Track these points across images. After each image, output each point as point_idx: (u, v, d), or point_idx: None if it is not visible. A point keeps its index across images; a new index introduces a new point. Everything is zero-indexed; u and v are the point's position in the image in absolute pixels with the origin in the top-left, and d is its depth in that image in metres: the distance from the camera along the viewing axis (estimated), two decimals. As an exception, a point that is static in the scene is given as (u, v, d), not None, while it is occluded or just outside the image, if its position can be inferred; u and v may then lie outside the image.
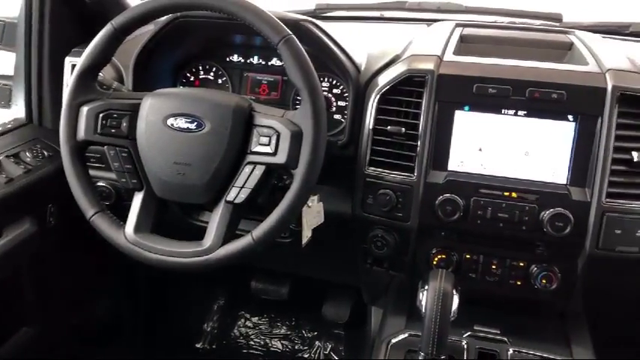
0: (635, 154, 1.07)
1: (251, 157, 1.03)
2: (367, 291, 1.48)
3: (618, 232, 1.09)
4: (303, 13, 1.64)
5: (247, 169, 1.02)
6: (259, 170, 1.02)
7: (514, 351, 1.14)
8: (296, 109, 1.03)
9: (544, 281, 1.16)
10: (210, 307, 1.99)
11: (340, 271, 1.53)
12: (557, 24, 1.58)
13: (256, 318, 1.96)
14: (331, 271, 1.58)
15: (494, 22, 1.63)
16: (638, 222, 1.09)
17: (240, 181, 1.02)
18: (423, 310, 1.04)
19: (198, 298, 2.01)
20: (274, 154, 1.00)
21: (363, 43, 1.39)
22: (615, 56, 1.23)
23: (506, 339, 1.17)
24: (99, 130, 1.08)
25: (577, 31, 1.43)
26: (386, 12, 1.80)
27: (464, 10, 1.66)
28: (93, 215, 1.08)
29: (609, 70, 1.13)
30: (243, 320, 1.96)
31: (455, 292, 1.05)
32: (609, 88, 1.09)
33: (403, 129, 1.17)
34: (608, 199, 1.08)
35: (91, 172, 1.13)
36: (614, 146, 1.08)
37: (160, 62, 1.41)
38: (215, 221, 1.03)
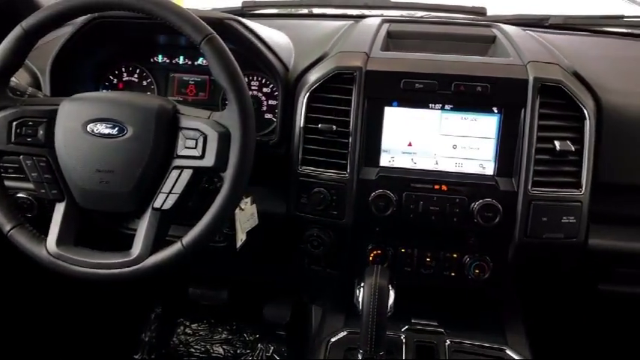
0: (557, 143, 1.11)
1: (177, 162, 0.99)
2: (306, 291, 1.47)
3: (545, 219, 1.12)
4: (230, 12, 1.61)
5: (174, 173, 0.99)
6: (187, 174, 0.98)
7: (451, 342, 1.16)
8: (224, 109, 1.00)
9: (477, 271, 1.19)
10: (147, 316, 1.93)
11: (279, 272, 1.51)
12: (482, 18, 1.61)
13: (196, 324, 1.91)
14: (270, 273, 1.56)
15: (421, 18, 1.65)
16: (562, 209, 1.12)
17: (167, 187, 0.99)
18: (360, 308, 1.04)
19: (134, 308, 1.94)
20: (201, 157, 0.97)
21: (291, 41, 1.37)
22: (536, 48, 1.27)
23: (443, 330, 1.19)
24: (13, 140, 1.02)
25: (500, 25, 1.46)
26: (314, 8, 1.80)
27: (391, 5, 1.67)
28: (10, 230, 1.02)
29: (530, 62, 1.16)
30: (182, 327, 1.91)
31: (391, 288, 1.05)
32: (530, 79, 1.12)
33: (334, 126, 1.16)
34: (534, 188, 1.11)
35: (10, 183, 1.07)
36: (537, 136, 1.11)
37: (80, 65, 1.34)
38: (143, 229, 0.99)
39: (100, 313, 1.87)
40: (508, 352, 1.14)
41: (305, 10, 1.80)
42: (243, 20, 1.23)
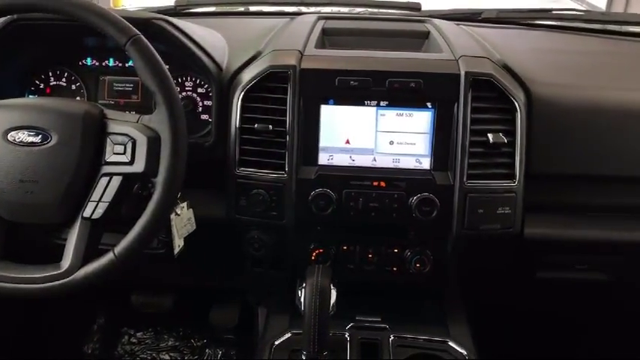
0: (490, 135, 1.13)
1: (106, 168, 0.96)
2: (251, 293, 1.45)
3: (481, 211, 1.14)
4: (164, 11, 1.57)
5: (103, 181, 0.95)
6: (116, 181, 0.95)
7: (395, 337, 1.16)
8: None
9: (418, 265, 1.20)
10: (89, 327, 1.86)
11: (222, 275, 1.49)
12: (416, 13, 1.63)
13: (141, 333, 1.86)
14: (213, 277, 1.53)
15: (357, 14, 1.65)
16: (498, 200, 1.14)
17: (96, 195, 0.95)
18: (302, 308, 1.03)
19: (75, 319, 1.87)
20: (131, 162, 0.94)
21: (225, 40, 1.34)
22: (467, 43, 1.29)
23: (387, 326, 1.19)
24: None
25: (434, 20, 1.48)
26: (251, 6, 1.78)
27: (327, 2, 1.67)
28: None
29: (462, 56, 1.17)
30: (127, 337, 1.86)
31: (332, 287, 1.05)
32: (462, 74, 1.13)
33: (270, 126, 1.14)
34: (469, 181, 1.13)
35: None
36: (470, 130, 1.12)
37: (1, 70, 1.27)
38: (72, 240, 0.95)
39: (39, 326, 1.80)
40: (451, 343, 1.16)
41: (241, 8, 1.77)
42: (173, 20, 1.20)
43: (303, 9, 1.69)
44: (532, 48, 1.40)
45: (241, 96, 1.16)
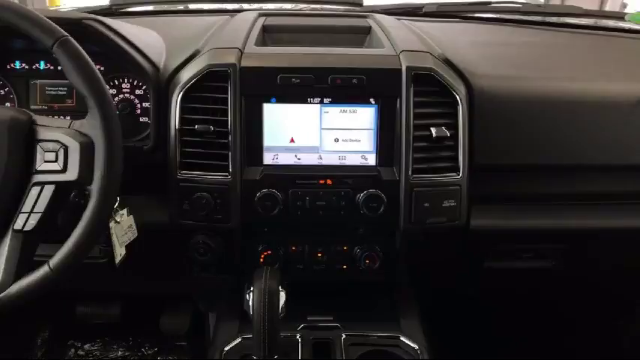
0: (433, 129, 1.13)
1: (37, 177, 0.91)
2: (200, 298, 1.42)
3: (427, 205, 1.14)
4: (98, 11, 1.51)
5: (34, 191, 0.90)
6: (48, 191, 0.90)
7: (347, 335, 1.16)
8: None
9: (367, 261, 1.19)
10: (32, 341, 1.78)
11: (170, 282, 1.45)
12: (358, 8, 1.62)
13: (88, 345, 1.79)
14: (161, 284, 1.49)
15: (298, 10, 1.64)
16: (443, 193, 1.15)
17: (27, 206, 0.90)
18: (251, 312, 1.01)
19: (18, 333, 1.79)
20: (63, 170, 0.90)
21: (162, 39, 1.30)
22: (408, 38, 1.29)
23: (339, 325, 1.18)
24: None
25: (375, 15, 1.48)
26: (190, 4, 1.73)
27: (267, -2, 1.65)
28: None
29: (403, 51, 1.17)
30: (73, 350, 1.78)
31: (281, 289, 1.03)
32: (403, 69, 1.13)
33: (212, 127, 1.11)
34: (414, 176, 1.13)
35: None
36: (414, 124, 1.12)
37: None
38: (3, 255, 0.90)
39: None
40: (402, 339, 1.16)
41: (180, 7, 1.72)
42: (105, 19, 1.15)
43: (245, 6, 1.66)
44: (472, 41, 1.42)
45: (180, 96, 1.13)
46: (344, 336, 1.16)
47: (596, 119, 1.21)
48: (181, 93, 1.12)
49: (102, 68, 1.23)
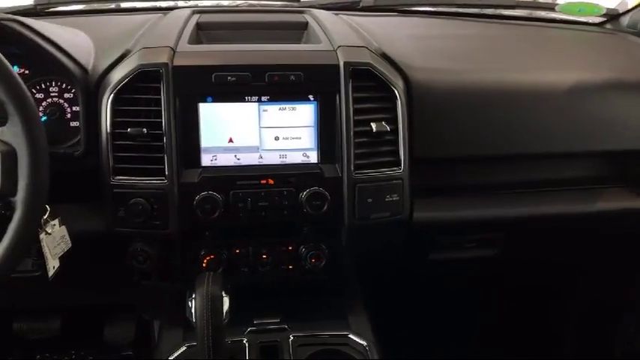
0: (373, 124, 1.12)
1: None
2: (143, 307, 1.37)
3: (370, 200, 1.13)
4: (22, 11, 1.43)
5: None
6: None
7: (294, 337, 1.14)
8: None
9: (313, 260, 1.18)
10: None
11: (110, 292, 1.39)
12: (296, 4, 1.60)
13: (27, 362, 1.71)
14: (101, 294, 1.43)
15: (234, 7, 1.60)
16: (385, 188, 1.14)
17: None
18: (194, 320, 0.97)
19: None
20: None
21: (91, 40, 1.25)
22: (346, 32, 1.28)
23: (286, 326, 1.17)
24: None
25: (313, 10, 1.46)
26: (122, 3, 1.67)
27: (202, -6, 1.60)
28: None
29: (340, 47, 1.16)
30: (11, 368, 1.70)
31: (225, 294, 1.00)
32: (341, 64, 1.12)
33: (145, 129, 1.07)
34: (357, 172, 1.12)
35: None
36: (354, 120, 1.11)
37: None
38: None
39: None
40: (351, 336, 1.15)
41: (112, 5, 1.66)
42: (27, 20, 1.09)
43: (180, 3, 1.62)
44: (409, 35, 1.42)
45: (110, 99, 1.08)
46: (292, 337, 1.14)
47: (531, 109, 1.23)
48: (112, 95, 1.08)
49: (26, 71, 1.16)
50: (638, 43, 1.47)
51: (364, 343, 1.14)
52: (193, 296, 0.99)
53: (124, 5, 1.65)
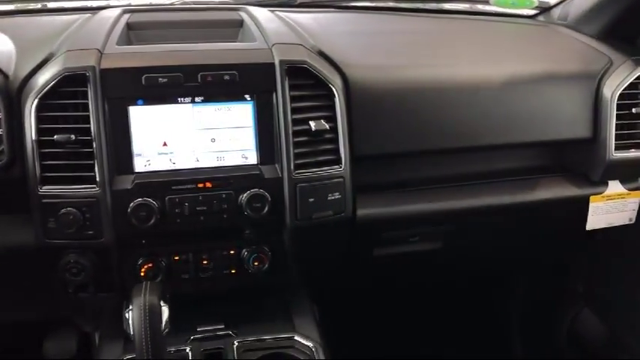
0: (312, 123, 1.11)
1: None
2: (83, 320, 1.32)
3: (312, 200, 1.12)
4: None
5: None
6: None
7: (239, 342, 1.12)
8: None
9: (256, 263, 1.16)
10: None
11: (45, 306, 1.33)
12: (231, 1, 1.57)
13: (-39, 384, 1.62)
14: (36, 310, 1.36)
15: (167, 5, 1.55)
16: (327, 187, 1.13)
17: None
18: (132, 332, 0.94)
19: None
20: None
21: (12, 43, 1.18)
22: (281, 30, 1.26)
23: (231, 332, 1.14)
24: None
25: (248, 7, 1.43)
26: (49, 2, 1.59)
27: (134, -7, 1.55)
28: None
29: (275, 44, 1.14)
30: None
31: (163, 303, 0.97)
32: (277, 62, 1.10)
33: (73, 136, 1.02)
34: (297, 171, 1.10)
35: None
36: (292, 119, 1.10)
37: None
38: None
39: None
40: (297, 338, 1.14)
41: (38, 5, 1.58)
42: None
43: (112, 2, 1.55)
44: (347, 31, 1.41)
45: (35, 105, 1.02)
46: (237, 343, 1.11)
47: (467, 102, 1.24)
48: (36, 101, 1.02)
49: None
50: (569, 35, 1.50)
51: (310, 344, 1.13)
52: (130, 307, 0.95)
53: (50, 5, 1.58)
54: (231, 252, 1.16)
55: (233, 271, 1.17)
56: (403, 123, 1.21)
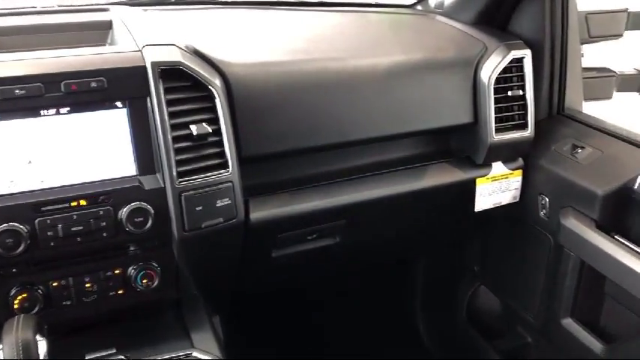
0: (193, 127, 1.05)
1: None
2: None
3: (199, 208, 1.06)
4: None
5: None
6: None
7: None
8: None
9: (145, 280, 1.09)
10: None
11: None
12: (102, 1, 1.46)
13: None
14: None
15: (30, 8, 1.42)
16: (215, 193, 1.08)
17: None
18: (4, 375, 0.84)
19: None
20: None
21: None
22: (153, 30, 1.19)
23: (123, 356, 1.06)
24: None
25: (118, 7, 1.34)
26: None
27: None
28: None
29: (146, 46, 1.07)
30: None
31: (41, 336, 0.88)
32: (148, 65, 1.03)
33: None
34: (181, 179, 1.04)
35: None
36: (170, 124, 1.03)
37: None
38: None
39: None
40: (195, 354, 1.08)
41: None
42: None
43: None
44: (228, 28, 1.36)
45: None
46: None
47: (352, 95, 1.23)
48: None
49: None
50: (446, 23, 1.54)
51: (209, 358, 1.07)
52: (1, 347, 0.85)
53: None
54: (116, 271, 1.09)
55: (120, 292, 1.09)
56: (289, 120, 1.18)
